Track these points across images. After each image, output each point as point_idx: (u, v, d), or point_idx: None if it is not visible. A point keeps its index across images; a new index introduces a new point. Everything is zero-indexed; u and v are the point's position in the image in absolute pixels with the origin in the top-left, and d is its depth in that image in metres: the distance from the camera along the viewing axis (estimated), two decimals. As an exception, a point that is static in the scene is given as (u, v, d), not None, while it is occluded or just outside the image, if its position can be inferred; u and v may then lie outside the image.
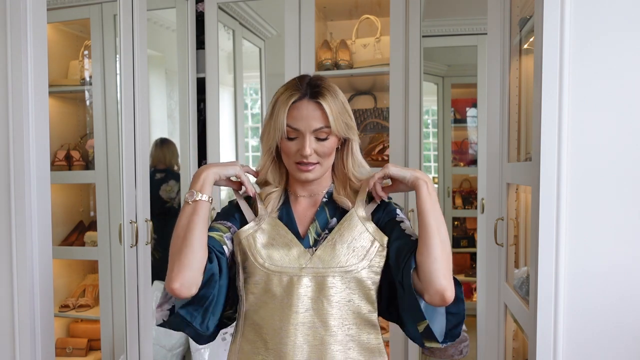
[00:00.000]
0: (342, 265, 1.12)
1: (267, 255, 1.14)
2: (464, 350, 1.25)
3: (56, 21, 2.62)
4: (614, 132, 1.23)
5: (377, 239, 1.14)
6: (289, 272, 1.13)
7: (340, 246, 1.13)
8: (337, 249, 1.13)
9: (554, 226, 1.25)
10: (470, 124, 4.01)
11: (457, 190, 4.06)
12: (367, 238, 1.14)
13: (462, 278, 3.94)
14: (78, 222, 2.81)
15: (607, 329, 1.25)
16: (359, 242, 1.13)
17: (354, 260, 1.12)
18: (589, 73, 1.24)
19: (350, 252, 1.12)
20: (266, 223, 1.17)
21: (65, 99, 2.78)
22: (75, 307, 2.69)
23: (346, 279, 1.12)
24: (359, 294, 1.13)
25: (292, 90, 1.13)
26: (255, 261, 1.14)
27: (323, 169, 1.17)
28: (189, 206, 1.09)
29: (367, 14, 2.59)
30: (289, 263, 1.13)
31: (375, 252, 1.13)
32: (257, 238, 1.15)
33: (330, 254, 1.13)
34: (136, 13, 2.15)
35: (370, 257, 1.13)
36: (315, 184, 1.21)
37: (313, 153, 1.13)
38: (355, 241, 1.13)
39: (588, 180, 1.24)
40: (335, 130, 1.13)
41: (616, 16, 1.22)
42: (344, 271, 1.12)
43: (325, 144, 1.14)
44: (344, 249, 1.13)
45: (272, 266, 1.13)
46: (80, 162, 2.67)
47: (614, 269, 1.24)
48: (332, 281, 1.11)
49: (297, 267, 1.12)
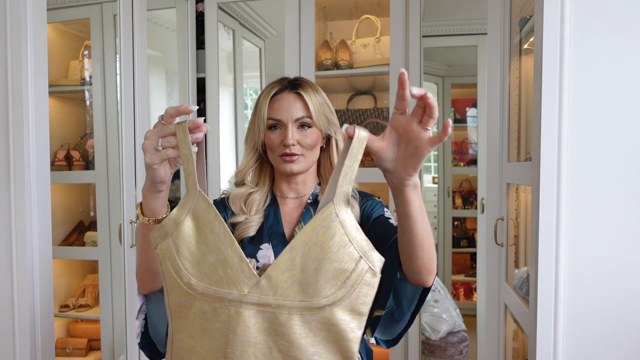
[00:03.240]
0: (304, 297, 0.75)
1: (193, 265, 0.79)
2: (464, 350, 1.24)
3: (56, 21, 2.62)
4: (614, 132, 1.23)
5: (365, 257, 0.75)
6: (225, 299, 0.77)
7: (306, 263, 0.75)
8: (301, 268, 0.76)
9: (554, 226, 1.25)
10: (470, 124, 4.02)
11: (457, 190, 4.06)
12: (349, 255, 0.74)
13: (462, 278, 3.95)
14: (78, 222, 2.81)
15: (607, 328, 1.25)
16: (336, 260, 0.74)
17: (328, 289, 0.75)
18: (589, 73, 1.24)
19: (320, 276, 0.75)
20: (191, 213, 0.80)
21: (65, 99, 2.78)
22: (75, 307, 2.69)
23: (309, 319, 0.76)
24: (328, 348, 0.76)
25: (272, 85, 1.16)
26: (175, 273, 0.80)
27: (307, 161, 1.15)
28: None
29: (367, 14, 2.59)
30: (225, 285, 0.77)
31: (361, 280, 0.75)
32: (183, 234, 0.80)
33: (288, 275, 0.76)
34: (136, 13, 2.15)
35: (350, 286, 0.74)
36: (301, 184, 1.19)
37: (296, 143, 1.12)
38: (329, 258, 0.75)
39: (588, 180, 1.24)
40: (316, 121, 1.13)
41: (616, 16, 1.22)
42: (306, 307, 0.75)
43: (308, 134, 1.13)
44: (310, 269, 0.75)
45: (198, 285, 0.79)
46: (80, 162, 2.67)
47: (614, 269, 1.24)
48: (288, 321, 0.76)
49: (236, 294, 0.77)
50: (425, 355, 2.77)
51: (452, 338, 2.77)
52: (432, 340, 2.76)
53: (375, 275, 0.75)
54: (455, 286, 3.93)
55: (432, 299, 2.86)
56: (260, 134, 1.14)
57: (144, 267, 0.97)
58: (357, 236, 0.75)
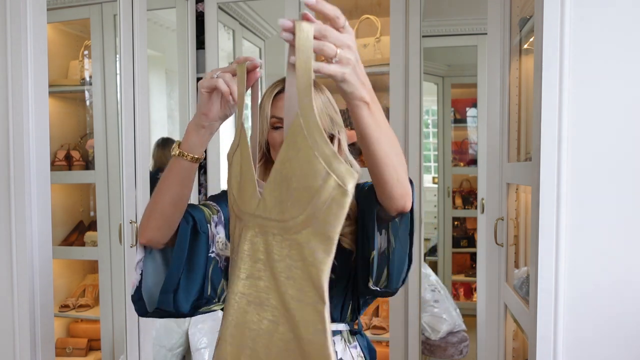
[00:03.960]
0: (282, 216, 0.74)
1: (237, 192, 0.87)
2: (464, 350, 1.24)
3: (56, 21, 2.62)
4: (614, 132, 1.23)
5: (336, 174, 0.69)
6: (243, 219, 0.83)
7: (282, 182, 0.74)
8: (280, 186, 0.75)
9: (554, 226, 1.25)
10: (470, 124, 4.02)
11: (457, 190, 4.06)
12: (316, 170, 0.70)
13: (462, 278, 3.95)
14: (78, 222, 2.81)
15: (607, 329, 1.25)
16: (303, 176, 0.71)
17: (297, 209, 0.72)
18: (589, 73, 1.24)
19: (290, 194, 0.72)
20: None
21: (65, 99, 2.78)
22: (75, 307, 2.69)
23: (283, 244, 0.75)
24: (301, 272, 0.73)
25: (276, 84, 1.12)
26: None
27: None
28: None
29: (367, 14, 2.59)
30: (246, 207, 0.83)
31: (330, 200, 0.69)
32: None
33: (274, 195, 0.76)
34: (136, 13, 2.15)
35: (318, 205, 0.70)
36: None
37: None
38: (296, 174, 0.71)
39: (588, 180, 1.24)
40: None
41: (616, 16, 1.22)
42: (283, 228, 0.74)
43: None
44: (284, 188, 0.73)
45: (237, 208, 0.85)
46: (80, 162, 2.67)
47: (614, 269, 1.24)
48: (270, 245, 0.77)
49: (248, 213, 0.81)
50: (425, 355, 2.77)
51: (452, 338, 2.77)
52: (432, 340, 2.76)
53: (345, 195, 0.68)
54: (455, 286, 3.93)
55: (432, 299, 2.86)
56: (264, 132, 1.11)
57: (162, 207, 0.98)
58: (324, 148, 0.68)
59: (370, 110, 0.78)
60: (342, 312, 1.13)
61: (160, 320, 2.60)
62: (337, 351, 1.09)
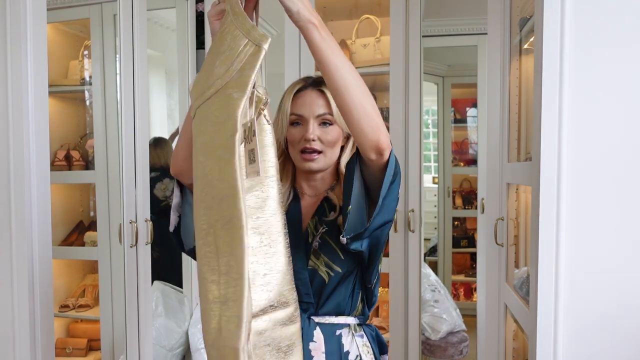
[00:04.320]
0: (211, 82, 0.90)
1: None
2: (464, 350, 1.25)
3: (56, 21, 2.62)
4: (614, 132, 1.23)
5: (251, 37, 0.86)
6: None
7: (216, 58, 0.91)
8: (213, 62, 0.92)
9: (554, 226, 1.25)
10: (470, 124, 4.02)
11: (457, 190, 4.06)
12: (240, 38, 0.87)
13: (462, 278, 3.95)
14: (78, 222, 2.81)
15: (607, 329, 1.25)
16: (227, 47, 0.89)
17: (222, 70, 0.88)
18: (589, 73, 1.24)
19: (216, 61, 0.90)
20: None
21: (65, 99, 2.78)
22: (75, 307, 2.69)
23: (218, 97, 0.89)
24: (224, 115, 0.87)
25: (297, 82, 1.19)
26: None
27: (327, 159, 1.17)
28: None
29: (367, 14, 2.59)
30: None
31: (248, 56, 0.86)
32: None
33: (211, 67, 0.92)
34: (136, 13, 2.15)
35: (238, 61, 0.87)
36: (319, 181, 1.21)
37: (317, 139, 1.14)
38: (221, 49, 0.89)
39: (588, 180, 1.24)
40: (337, 118, 1.15)
41: (616, 16, 1.22)
42: (216, 89, 0.90)
43: (329, 131, 1.15)
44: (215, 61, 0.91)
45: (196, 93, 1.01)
46: (80, 162, 2.67)
47: (614, 269, 1.24)
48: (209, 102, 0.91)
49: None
50: (425, 355, 2.77)
51: (452, 338, 2.77)
52: (432, 340, 2.77)
53: (260, 50, 0.85)
54: (455, 286, 3.93)
55: (432, 299, 2.86)
56: (283, 129, 1.17)
57: (182, 138, 1.11)
58: (244, 22, 0.86)
59: (320, 35, 0.91)
60: (352, 305, 1.17)
61: (161, 320, 2.60)
62: (344, 344, 1.14)
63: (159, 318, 2.61)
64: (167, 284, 2.82)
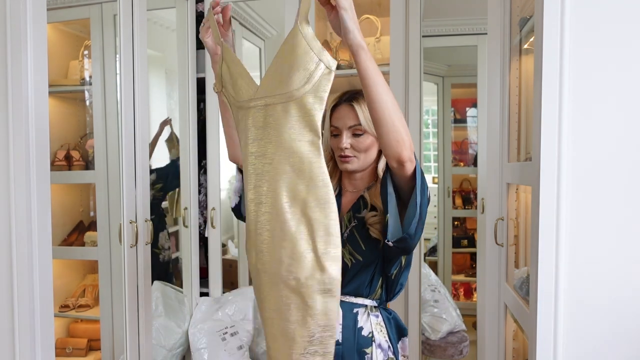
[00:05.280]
0: (283, 89, 1.06)
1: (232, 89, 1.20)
2: (464, 350, 1.28)
3: (56, 21, 2.62)
4: (615, 132, 1.23)
5: (324, 60, 1.04)
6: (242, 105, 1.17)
7: (282, 67, 1.08)
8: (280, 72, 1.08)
9: (554, 226, 1.25)
10: (470, 124, 4.01)
11: (457, 190, 4.06)
12: (310, 58, 1.04)
13: (462, 278, 3.95)
14: (78, 222, 2.81)
15: (607, 329, 1.25)
16: (302, 63, 1.04)
17: (298, 82, 1.04)
18: (589, 73, 1.24)
19: (292, 74, 1.05)
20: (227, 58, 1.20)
21: (65, 99, 2.78)
22: (75, 307, 2.69)
23: (287, 107, 1.07)
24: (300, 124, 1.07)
25: (334, 99, 1.40)
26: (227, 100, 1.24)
27: (360, 162, 1.37)
28: None
29: (367, 14, 2.59)
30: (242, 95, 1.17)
31: (321, 76, 1.04)
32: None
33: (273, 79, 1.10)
34: (136, 13, 2.15)
35: (313, 80, 1.04)
36: (359, 180, 1.42)
37: (349, 147, 1.35)
38: (297, 62, 1.05)
39: (588, 180, 1.24)
40: (367, 128, 1.34)
41: (616, 16, 1.22)
42: (285, 96, 1.06)
43: (361, 140, 1.35)
44: (285, 72, 1.06)
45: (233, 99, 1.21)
46: (80, 162, 2.67)
47: (614, 269, 1.24)
48: (273, 110, 1.09)
49: (246, 100, 1.15)
50: (425, 355, 2.77)
51: (452, 338, 2.77)
52: (432, 340, 2.77)
53: (330, 73, 1.04)
54: (455, 286, 3.92)
55: (432, 299, 2.86)
56: (327, 139, 1.40)
57: (228, 133, 1.39)
58: (315, 45, 1.03)
59: (367, 57, 1.08)
60: (370, 289, 1.35)
61: (161, 320, 2.60)
62: (359, 320, 1.34)
63: (159, 318, 2.61)
64: (167, 284, 2.83)
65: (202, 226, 2.90)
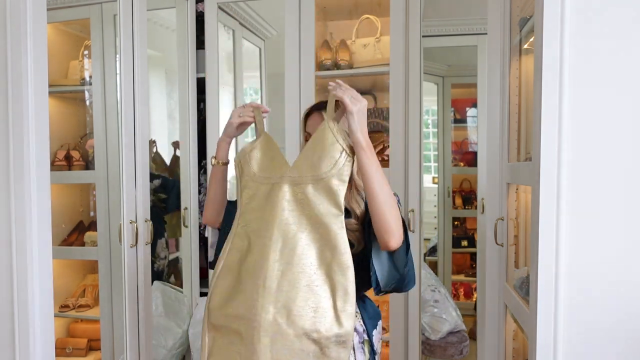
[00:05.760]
0: (313, 172, 1.28)
1: (258, 166, 1.38)
2: (464, 350, 1.30)
3: (56, 21, 2.62)
4: (615, 132, 1.23)
5: (347, 151, 1.28)
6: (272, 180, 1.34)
7: (313, 155, 1.29)
8: (311, 157, 1.29)
9: (554, 226, 1.25)
10: (470, 124, 4.01)
11: (457, 190, 4.05)
12: (336, 148, 1.28)
13: (462, 278, 3.94)
14: (78, 222, 2.81)
15: (607, 329, 1.25)
16: (329, 151, 1.28)
17: (325, 167, 1.27)
18: (589, 73, 1.24)
19: (321, 160, 1.28)
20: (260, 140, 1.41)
21: (65, 99, 2.78)
22: (75, 307, 2.69)
23: (316, 186, 1.28)
24: (327, 201, 1.28)
25: (307, 109, 1.54)
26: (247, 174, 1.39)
27: None
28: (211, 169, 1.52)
29: (367, 14, 2.59)
30: (273, 171, 1.35)
31: (344, 162, 1.28)
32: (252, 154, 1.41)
33: (304, 162, 1.30)
34: (136, 13, 2.15)
35: (338, 165, 1.27)
36: None
37: None
38: (325, 151, 1.28)
39: (588, 179, 1.24)
40: None
41: (616, 15, 1.22)
42: (314, 178, 1.28)
43: None
44: (316, 158, 1.28)
45: (259, 175, 1.37)
46: (80, 162, 2.67)
47: (614, 269, 1.24)
48: (305, 188, 1.29)
49: (278, 176, 1.33)
50: (425, 355, 2.77)
51: (452, 338, 2.77)
52: (432, 340, 2.76)
53: (350, 160, 1.28)
54: (455, 286, 3.92)
55: (432, 299, 2.86)
56: (302, 144, 1.52)
57: (211, 200, 1.55)
58: (340, 138, 1.28)
59: (367, 155, 1.26)
60: None
61: (161, 320, 2.60)
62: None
63: (159, 318, 2.61)
64: (167, 284, 2.83)
65: (202, 226, 2.90)
